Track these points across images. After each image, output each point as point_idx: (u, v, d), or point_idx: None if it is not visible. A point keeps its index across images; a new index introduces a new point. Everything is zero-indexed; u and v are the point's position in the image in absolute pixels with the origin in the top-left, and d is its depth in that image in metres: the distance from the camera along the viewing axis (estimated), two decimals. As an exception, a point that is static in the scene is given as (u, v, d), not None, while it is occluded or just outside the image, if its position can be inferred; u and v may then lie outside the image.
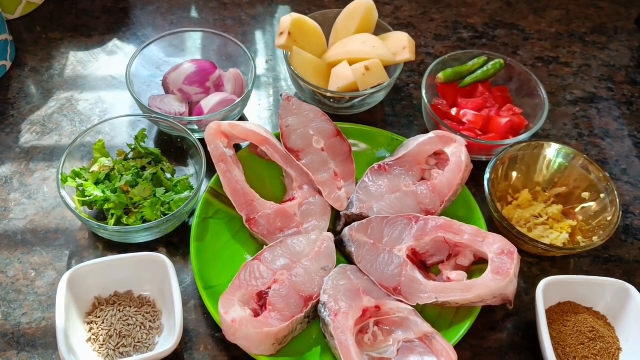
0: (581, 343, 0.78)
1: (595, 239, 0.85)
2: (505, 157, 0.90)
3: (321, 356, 0.78)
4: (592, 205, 0.89)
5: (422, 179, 0.90)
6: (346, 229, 0.86)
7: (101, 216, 0.88)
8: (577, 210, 0.90)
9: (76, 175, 0.88)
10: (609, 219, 0.86)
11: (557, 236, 0.87)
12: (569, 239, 0.88)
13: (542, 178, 0.93)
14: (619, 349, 0.79)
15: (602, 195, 0.88)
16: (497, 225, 0.88)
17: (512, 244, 0.80)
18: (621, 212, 0.85)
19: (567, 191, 0.92)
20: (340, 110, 1.00)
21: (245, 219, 0.86)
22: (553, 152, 0.91)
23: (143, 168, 0.91)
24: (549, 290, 0.80)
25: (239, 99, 0.95)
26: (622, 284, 0.81)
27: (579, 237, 0.88)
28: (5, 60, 1.05)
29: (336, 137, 0.93)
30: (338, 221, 0.89)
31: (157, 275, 0.80)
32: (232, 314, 0.75)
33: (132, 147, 0.92)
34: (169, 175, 0.91)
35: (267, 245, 0.84)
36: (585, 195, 0.90)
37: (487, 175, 0.88)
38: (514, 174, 0.93)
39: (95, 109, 1.03)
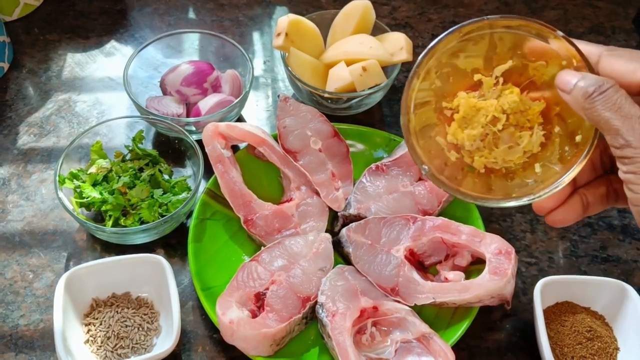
0: (579, 343, 0.78)
1: (577, 139, 0.57)
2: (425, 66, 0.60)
3: (319, 357, 0.78)
4: (555, 69, 0.57)
5: (420, 179, 0.90)
6: (344, 230, 0.86)
7: (99, 218, 0.88)
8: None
9: (74, 176, 0.88)
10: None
11: (528, 139, 0.58)
12: (544, 134, 0.59)
13: (477, 65, 0.61)
14: (617, 349, 0.79)
15: (563, 63, 0.56)
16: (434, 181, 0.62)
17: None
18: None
19: (517, 65, 0.59)
20: (338, 111, 1.00)
21: (242, 220, 0.86)
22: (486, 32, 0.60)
23: (141, 169, 0.91)
24: (547, 290, 0.80)
25: (237, 100, 0.95)
26: (620, 283, 0.81)
27: (557, 129, 0.58)
28: (3, 62, 1.05)
29: (334, 138, 0.93)
30: (336, 222, 0.89)
31: (154, 277, 0.80)
32: (230, 315, 0.75)
33: (130, 148, 0.92)
34: (166, 177, 0.91)
35: (264, 246, 0.84)
36: (540, 63, 0.58)
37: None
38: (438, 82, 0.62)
39: (93, 110, 1.03)
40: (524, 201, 0.58)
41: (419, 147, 0.61)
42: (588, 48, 0.55)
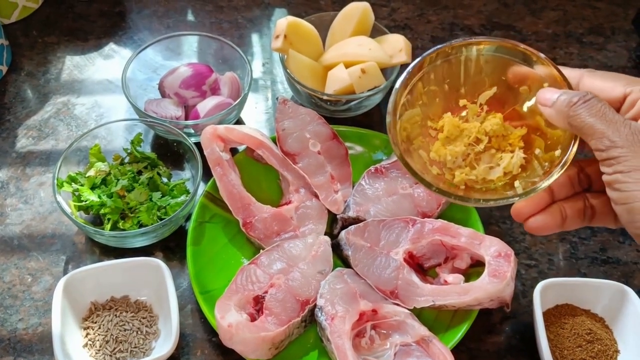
0: (579, 345, 0.78)
1: (557, 153, 0.57)
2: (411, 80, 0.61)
3: (318, 360, 0.78)
4: (534, 93, 0.59)
5: (419, 181, 0.90)
6: (343, 232, 0.86)
7: (97, 221, 0.88)
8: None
9: (72, 180, 0.87)
10: None
11: (509, 160, 0.60)
12: (524, 158, 0.60)
13: (463, 89, 0.63)
14: (617, 351, 0.79)
15: (545, 85, 0.58)
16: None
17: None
18: None
19: (501, 92, 0.61)
20: (337, 113, 1.00)
21: (241, 222, 0.86)
22: (473, 54, 0.62)
23: (139, 172, 0.90)
24: (546, 293, 0.80)
25: (235, 103, 0.94)
26: (620, 285, 0.81)
27: (538, 151, 0.59)
28: (1, 64, 1.05)
29: (332, 140, 0.93)
30: (335, 224, 0.89)
31: (153, 280, 0.80)
32: (229, 319, 0.75)
33: (128, 151, 0.92)
34: (165, 180, 0.91)
35: (263, 249, 0.84)
36: (524, 89, 0.60)
37: (388, 118, 0.60)
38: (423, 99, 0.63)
39: (91, 113, 1.03)
40: (502, 202, 0.58)
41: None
42: (570, 73, 0.57)
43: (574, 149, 0.56)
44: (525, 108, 0.61)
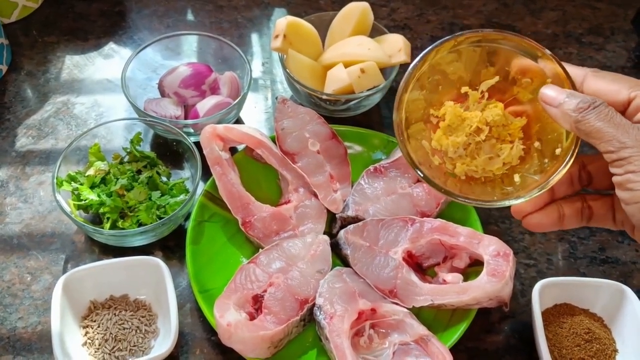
0: (577, 345, 0.78)
1: (557, 151, 0.59)
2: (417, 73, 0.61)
3: (317, 359, 0.78)
4: (539, 87, 0.58)
5: (418, 181, 0.90)
6: (342, 232, 0.86)
7: (97, 220, 0.88)
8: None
9: (72, 179, 0.88)
10: None
11: (508, 151, 0.61)
12: (523, 149, 0.61)
13: (466, 77, 0.63)
14: (616, 351, 0.79)
15: (548, 80, 0.58)
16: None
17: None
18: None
19: (503, 81, 0.61)
20: (337, 113, 1.00)
21: (240, 222, 0.86)
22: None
23: (139, 171, 0.90)
24: (545, 292, 0.80)
25: (235, 102, 0.95)
26: (618, 285, 0.81)
27: (537, 144, 0.61)
28: (1, 64, 1.05)
29: (332, 140, 0.93)
30: (334, 224, 0.89)
31: (152, 279, 0.80)
32: (228, 318, 0.75)
33: (128, 150, 0.92)
34: (164, 179, 0.91)
35: (262, 248, 0.84)
36: (526, 81, 0.60)
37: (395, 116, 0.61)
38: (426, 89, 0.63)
39: (91, 112, 1.03)
40: (503, 204, 0.59)
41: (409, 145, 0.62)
42: (574, 70, 0.57)
43: (575, 151, 0.57)
44: (526, 98, 0.61)
